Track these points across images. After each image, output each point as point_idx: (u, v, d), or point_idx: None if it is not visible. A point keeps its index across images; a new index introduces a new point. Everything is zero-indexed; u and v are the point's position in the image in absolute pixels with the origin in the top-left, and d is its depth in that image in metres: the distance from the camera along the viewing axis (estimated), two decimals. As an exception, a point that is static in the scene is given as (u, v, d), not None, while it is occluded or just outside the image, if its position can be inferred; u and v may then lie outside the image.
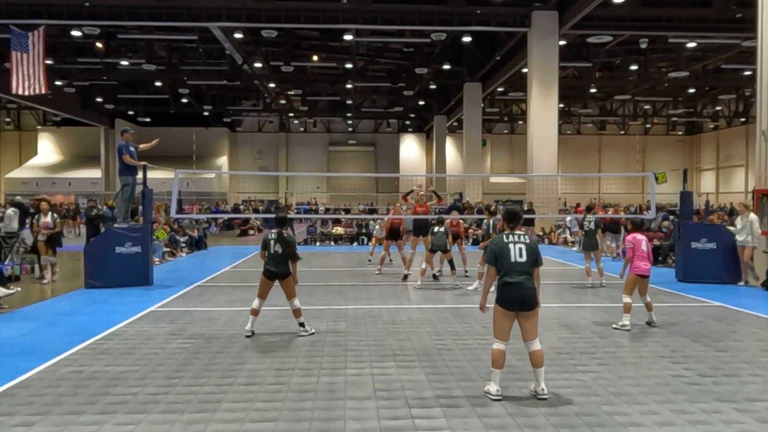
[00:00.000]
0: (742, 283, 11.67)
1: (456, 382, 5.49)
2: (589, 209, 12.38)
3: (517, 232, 5.25)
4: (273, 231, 7.31)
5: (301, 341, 7.03)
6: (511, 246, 5.11)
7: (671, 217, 16.45)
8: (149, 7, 19.48)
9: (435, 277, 12.33)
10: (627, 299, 7.76)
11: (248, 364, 6.10)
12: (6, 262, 12.32)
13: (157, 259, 14.54)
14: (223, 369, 5.91)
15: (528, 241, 5.19)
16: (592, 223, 11.73)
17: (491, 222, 11.14)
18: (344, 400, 5.02)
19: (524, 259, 5.08)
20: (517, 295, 5.03)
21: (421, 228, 12.60)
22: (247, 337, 7.16)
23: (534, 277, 5.13)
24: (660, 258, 14.88)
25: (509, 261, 5.07)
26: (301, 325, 7.31)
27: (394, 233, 13.64)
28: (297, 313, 7.31)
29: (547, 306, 9.51)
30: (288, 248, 7.17)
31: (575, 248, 20.27)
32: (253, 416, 4.66)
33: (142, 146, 11.98)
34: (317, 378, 5.61)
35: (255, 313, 7.30)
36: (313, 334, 7.31)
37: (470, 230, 20.56)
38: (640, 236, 7.91)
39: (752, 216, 11.63)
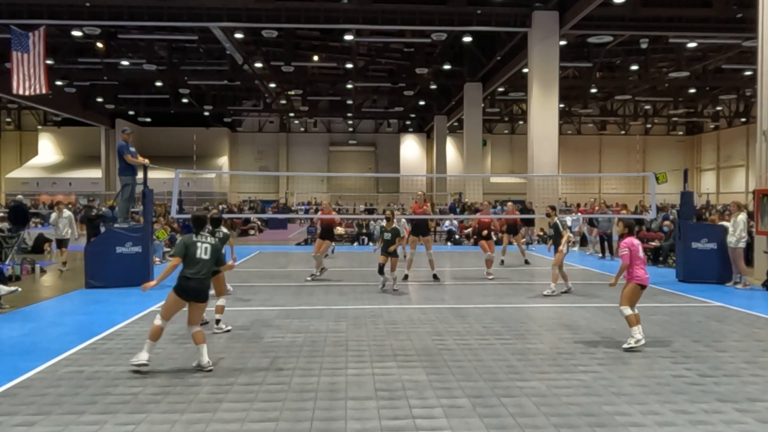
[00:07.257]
0: (730, 284, 11.44)
1: (457, 382, 5.49)
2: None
3: None
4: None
5: (301, 341, 7.02)
6: None
7: (671, 216, 16.45)
8: (150, 7, 19.49)
9: (435, 277, 12.33)
10: (629, 311, 6.72)
11: (249, 364, 6.10)
12: (6, 262, 12.34)
13: (157, 259, 14.55)
14: (224, 369, 5.91)
15: None
16: None
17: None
18: (345, 400, 5.01)
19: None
20: None
21: (419, 228, 12.62)
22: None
23: None
24: (660, 258, 14.89)
25: None
26: (217, 321, 7.52)
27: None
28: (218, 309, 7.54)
29: (548, 306, 9.51)
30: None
31: (575, 248, 20.26)
32: (253, 416, 4.66)
33: (138, 159, 11.84)
34: (318, 378, 5.61)
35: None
36: (228, 331, 7.49)
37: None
38: (636, 241, 6.95)
39: (740, 216, 11.33)
